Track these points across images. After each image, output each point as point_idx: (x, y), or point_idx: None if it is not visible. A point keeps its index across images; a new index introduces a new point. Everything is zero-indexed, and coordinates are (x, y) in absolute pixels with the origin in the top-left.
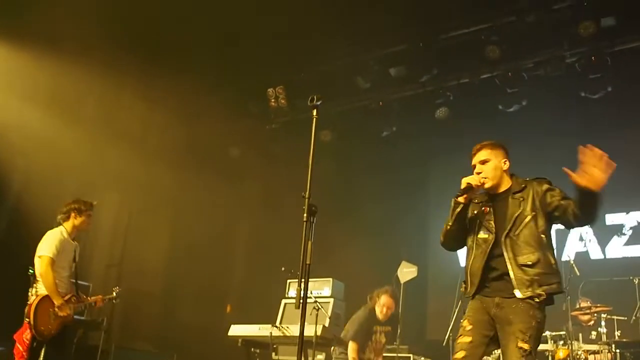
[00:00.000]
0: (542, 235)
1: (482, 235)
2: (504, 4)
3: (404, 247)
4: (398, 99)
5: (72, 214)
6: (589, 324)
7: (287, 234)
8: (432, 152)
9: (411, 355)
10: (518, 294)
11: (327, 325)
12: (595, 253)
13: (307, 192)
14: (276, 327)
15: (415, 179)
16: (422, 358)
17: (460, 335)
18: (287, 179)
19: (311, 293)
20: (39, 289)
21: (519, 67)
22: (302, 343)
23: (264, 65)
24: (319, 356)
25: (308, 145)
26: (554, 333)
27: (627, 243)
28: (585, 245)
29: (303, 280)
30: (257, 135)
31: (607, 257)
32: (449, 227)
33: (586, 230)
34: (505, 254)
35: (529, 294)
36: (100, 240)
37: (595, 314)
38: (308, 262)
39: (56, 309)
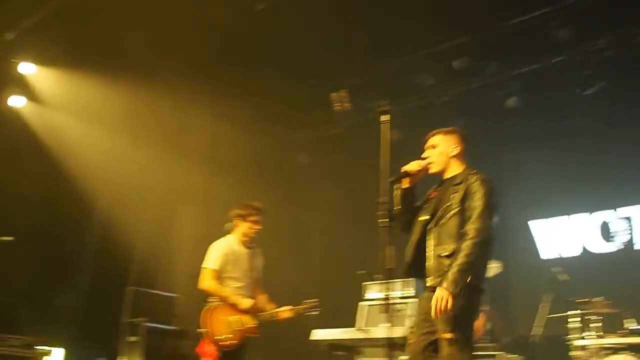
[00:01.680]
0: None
1: (421, 217)
2: None
3: None
4: (464, 92)
5: (236, 221)
6: None
7: (360, 238)
8: (506, 143)
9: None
10: (428, 282)
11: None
12: None
13: (383, 197)
14: (360, 330)
15: (490, 171)
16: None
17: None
18: (357, 182)
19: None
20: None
21: (590, 48)
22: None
23: (325, 71)
24: (403, 357)
25: (375, 146)
26: None
27: None
28: None
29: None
30: (324, 140)
31: None
32: (398, 211)
33: None
34: (428, 241)
35: (436, 283)
36: (182, 252)
37: None
38: (390, 267)
39: (237, 315)
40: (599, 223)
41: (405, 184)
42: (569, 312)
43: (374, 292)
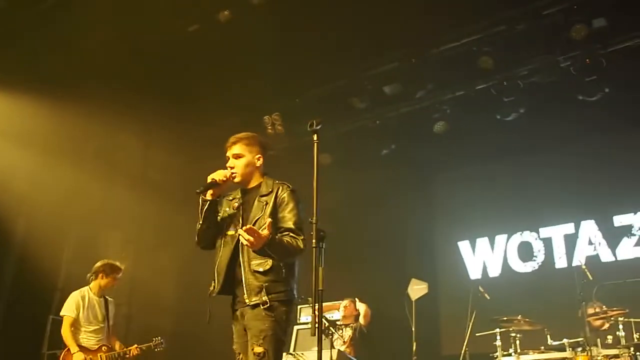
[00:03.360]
0: None
1: (230, 232)
2: (494, 13)
3: (411, 264)
4: (395, 117)
5: (100, 275)
6: (602, 328)
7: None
8: (433, 167)
9: None
10: (247, 300)
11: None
12: (606, 256)
13: (315, 217)
14: (291, 354)
15: (418, 195)
16: None
17: None
18: None
19: (325, 318)
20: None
21: (513, 75)
22: None
23: (257, 94)
24: None
25: (309, 170)
26: (571, 340)
27: (638, 243)
28: (595, 249)
29: (317, 305)
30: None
31: (619, 259)
32: (199, 225)
33: (594, 234)
34: (240, 257)
35: (256, 300)
36: None
37: (612, 318)
38: (320, 288)
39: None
40: (520, 244)
41: (209, 195)
42: (495, 330)
43: (306, 315)
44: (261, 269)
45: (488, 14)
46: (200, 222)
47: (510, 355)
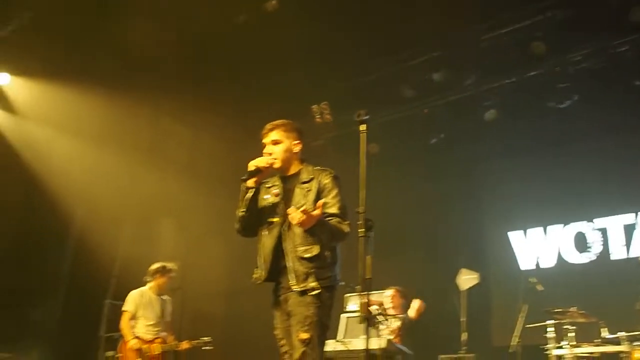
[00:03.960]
0: None
1: (272, 218)
2: None
3: (461, 254)
4: (444, 105)
5: (157, 276)
6: None
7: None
8: (483, 156)
9: None
10: (294, 286)
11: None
12: None
13: (362, 207)
14: (339, 341)
15: (467, 184)
16: None
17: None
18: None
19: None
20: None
21: (567, 61)
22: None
23: (306, 83)
24: None
25: (356, 158)
26: (629, 333)
27: None
28: None
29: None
30: (305, 153)
31: None
32: (241, 213)
33: None
34: (284, 244)
35: (304, 287)
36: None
37: None
38: (368, 277)
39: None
40: (574, 234)
41: (252, 182)
42: (547, 322)
43: (353, 303)
44: (308, 255)
45: None
46: (243, 210)
47: (563, 347)
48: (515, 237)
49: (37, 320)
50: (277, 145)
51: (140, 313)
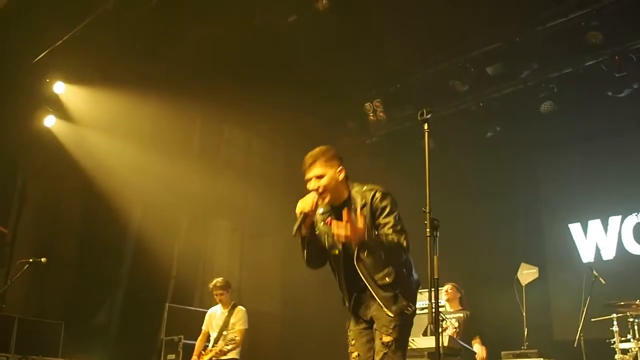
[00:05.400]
0: None
1: (333, 251)
2: None
3: (520, 248)
4: (499, 98)
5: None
6: None
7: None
8: (540, 147)
9: (542, 358)
10: (389, 313)
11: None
12: None
13: (428, 207)
14: None
15: (525, 177)
16: None
17: None
18: (394, 191)
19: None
20: None
21: (625, 49)
22: (439, 355)
23: (358, 81)
24: None
25: (410, 154)
26: None
27: None
28: None
29: (433, 293)
30: (359, 150)
31: None
32: (305, 254)
33: None
34: (359, 274)
35: (396, 309)
36: (217, 266)
37: None
38: (436, 277)
39: None
40: (634, 225)
41: (305, 230)
42: (612, 316)
43: (418, 301)
44: (387, 280)
45: None
46: (306, 251)
47: (629, 341)
48: (575, 229)
49: (100, 326)
50: (321, 178)
51: (210, 330)
